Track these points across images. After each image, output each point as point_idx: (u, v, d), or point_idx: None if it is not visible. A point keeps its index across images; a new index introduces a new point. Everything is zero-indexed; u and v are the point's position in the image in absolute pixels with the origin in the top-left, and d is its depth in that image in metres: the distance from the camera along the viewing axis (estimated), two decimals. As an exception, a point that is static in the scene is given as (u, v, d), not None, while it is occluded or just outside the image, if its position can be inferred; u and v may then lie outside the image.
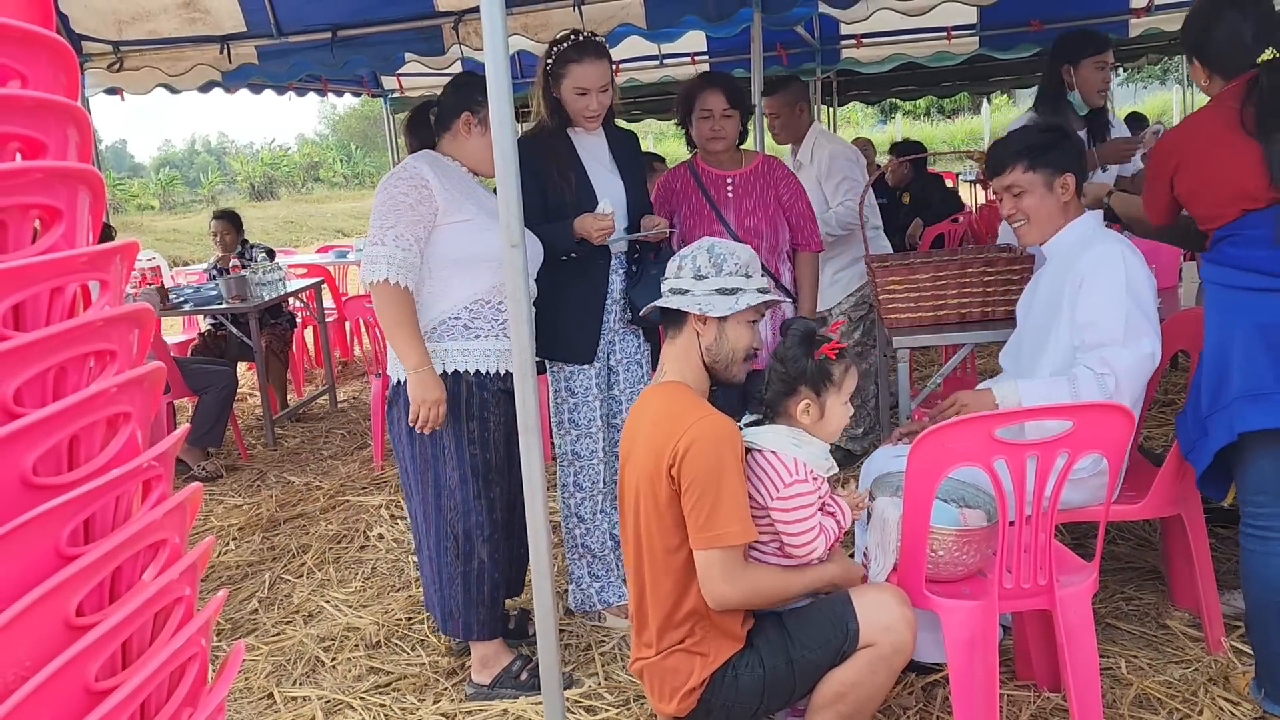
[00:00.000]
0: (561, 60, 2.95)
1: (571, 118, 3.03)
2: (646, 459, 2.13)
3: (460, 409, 2.74)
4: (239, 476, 5.16)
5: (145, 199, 29.16)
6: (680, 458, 2.04)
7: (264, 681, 3.03)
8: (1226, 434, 2.35)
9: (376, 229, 2.65)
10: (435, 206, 2.67)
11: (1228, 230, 2.39)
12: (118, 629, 0.91)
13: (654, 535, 2.14)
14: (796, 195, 3.50)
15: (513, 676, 2.84)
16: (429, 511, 2.80)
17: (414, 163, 2.73)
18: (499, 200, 2.07)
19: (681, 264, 2.25)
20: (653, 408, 2.21)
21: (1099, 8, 6.19)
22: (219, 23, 4.82)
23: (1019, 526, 2.19)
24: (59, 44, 0.94)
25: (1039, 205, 2.64)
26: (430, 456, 2.77)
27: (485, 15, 1.96)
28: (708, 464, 2.02)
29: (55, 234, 0.93)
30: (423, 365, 2.65)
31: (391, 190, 2.67)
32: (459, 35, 4.69)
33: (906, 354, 3.23)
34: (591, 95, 2.95)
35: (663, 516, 2.11)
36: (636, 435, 2.22)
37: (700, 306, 2.19)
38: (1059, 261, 2.65)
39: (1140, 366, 2.46)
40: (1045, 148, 2.62)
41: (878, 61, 7.35)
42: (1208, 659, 2.70)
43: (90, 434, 0.94)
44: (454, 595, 2.81)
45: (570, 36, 2.98)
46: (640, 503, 2.16)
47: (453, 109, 2.81)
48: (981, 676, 2.20)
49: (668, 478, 2.07)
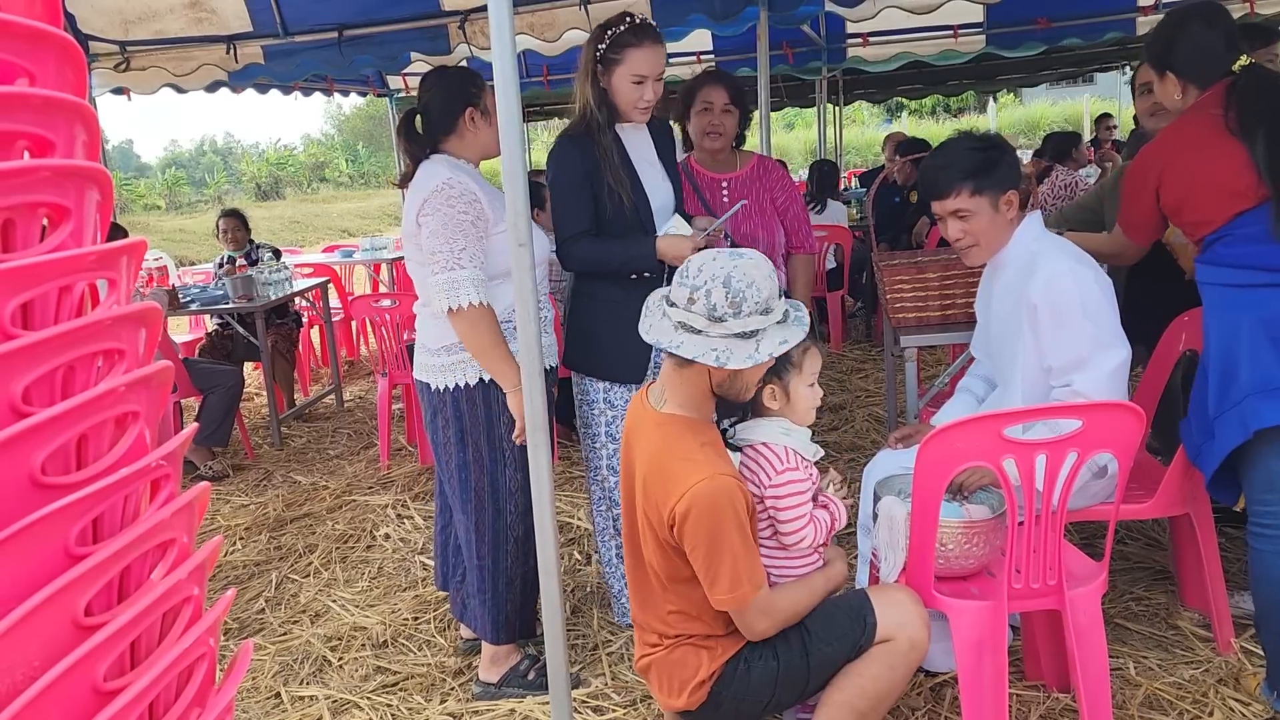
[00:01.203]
0: (617, 45, 2.73)
1: (620, 111, 2.80)
2: (644, 497, 2.06)
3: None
4: (245, 476, 5.16)
5: (151, 199, 29.20)
6: (679, 522, 1.95)
7: (271, 681, 3.03)
8: (1239, 432, 2.33)
9: (447, 253, 2.55)
10: (486, 218, 2.62)
11: (1218, 234, 2.39)
12: (126, 629, 0.90)
13: (657, 562, 2.09)
14: (791, 197, 3.47)
15: (520, 676, 2.83)
16: (485, 519, 2.75)
17: (454, 175, 2.63)
18: (506, 198, 2.07)
19: (694, 296, 1.96)
20: (651, 443, 2.07)
21: (1107, 6, 6.17)
22: (225, 23, 4.83)
23: (1028, 526, 2.18)
24: (67, 42, 0.93)
25: (988, 227, 2.55)
26: (488, 462, 2.72)
27: (493, 14, 1.95)
28: (709, 531, 1.93)
29: (63, 233, 0.92)
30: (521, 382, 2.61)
31: (449, 211, 2.57)
32: (465, 34, 4.69)
33: (914, 353, 3.22)
34: (648, 84, 2.75)
35: (668, 555, 2.06)
36: (634, 458, 2.14)
37: (718, 357, 1.94)
38: (1010, 276, 2.59)
39: (1113, 380, 2.42)
40: (988, 168, 2.52)
41: (884, 60, 7.33)
42: (1218, 660, 2.69)
43: (99, 433, 0.94)
44: (513, 599, 2.80)
45: (626, 19, 2.77)
46: (644, 530, 2.11)
47: (451, 107, 2.71)
48: (990, 677, 2.19)
49: (669, 532, 2.00)
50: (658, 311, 2.06)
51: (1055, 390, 2.48)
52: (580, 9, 4.44)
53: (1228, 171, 2.34)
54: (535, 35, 4.65)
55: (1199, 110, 2.43)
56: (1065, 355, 2.44)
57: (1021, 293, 2.52)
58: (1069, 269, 2.45)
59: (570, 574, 3.60)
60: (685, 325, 1.97)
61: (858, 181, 9.51)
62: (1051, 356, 2.47)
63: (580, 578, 3.57)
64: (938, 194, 2.58)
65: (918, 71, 9.49)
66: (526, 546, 2.76)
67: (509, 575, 2.78)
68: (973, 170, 2.51)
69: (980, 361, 2.89)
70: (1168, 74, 2.49)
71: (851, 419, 5.27)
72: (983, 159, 2.52)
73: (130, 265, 0.99)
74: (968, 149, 2.56)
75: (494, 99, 2.75)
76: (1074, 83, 20.27)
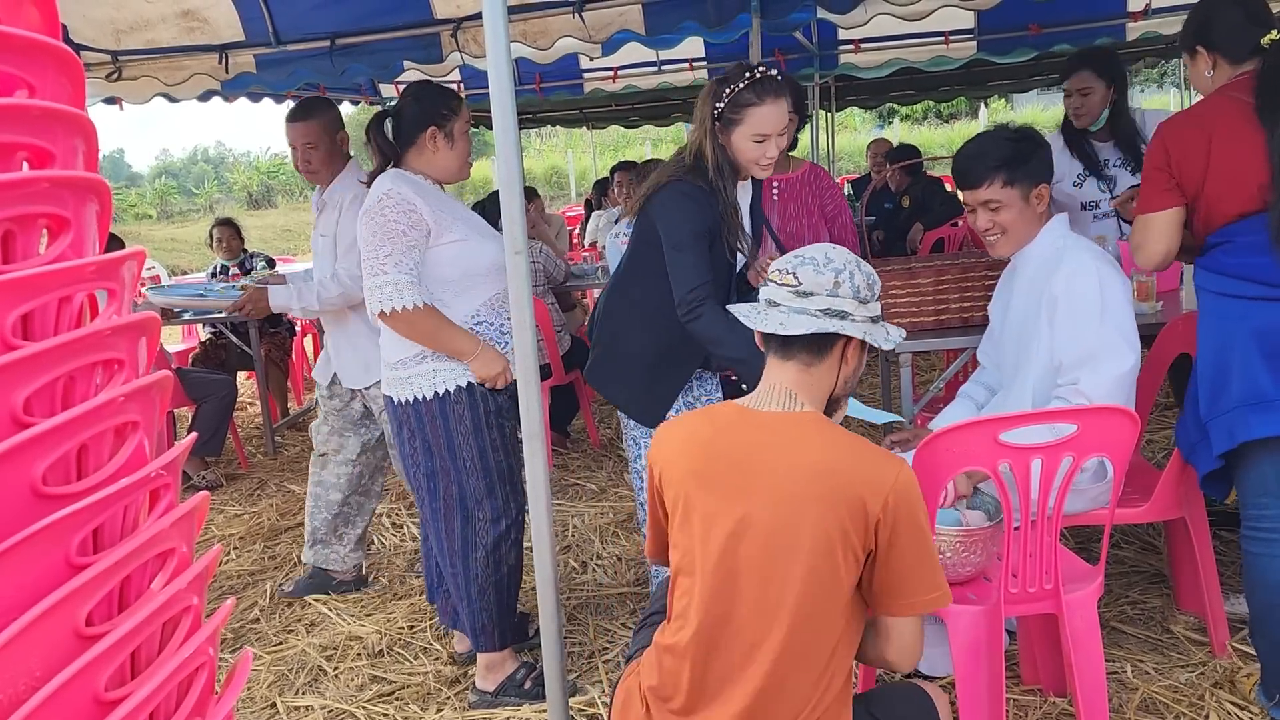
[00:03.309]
0: (736, 104, 2.55)
1: (741, 168, 2.64)
2: (820, 509, 1.64)
3: (480, 420, 2.72)
4: (239, 485, 5.15)
5: (143, 208, 29.15)
6: (894, 510, 1.63)
7: (267, 691, 3.02)
8: (1226, 441, 2.34)
9: (373, 259, 2.60)
10: (426, 229, 2.63)
11: (1221, 237, 2.37)
12: (127, 638, 0.90)
13: (812, 612, 1.66)
14: (840, 207, 3.52)
15: (517, 685, 2.83)
16: (454, 528, 2.77)
17: (395, 187, 2.64)
18: (502, 207, 2.07)
19: (839, 280, 1.76)
20: (813, 449, 1.71)
21: (1096, 12, 6.20)
22: (217, 32, 4.82)
23: (1024, 530, 2.18)
24: (66, 54, 0.94)
25: (1017, 219, 2.57)
26: (452, 472, 2.74)
27: (488, 23, 1.96)
28: (923, 517, 1.68)
29: (63, 243, 0.93)
30: (475, 348, 2.64)
31: (381, 219, 2.61)
32: (458, 43, 4.69)
33: (909, 358, 3.23)
34: (770, 141, 2.57)
35: (840, 584, 1.66)
36: (767, 473, 1.71)
37: (867, 334, 1.79)
38: (1032, 273, 2.60)
39: (1120, 385, 2.42)
40: (1022, 159, 2.53)
41: (876, 66, 7.36)
42: (1213, 663, 2.70)
43: (99, 443, 0.94)
44: (487, 607, 2.79)
45: (746, 74, 2.55)
46: (806, 561, 1.65)
47: (416, 123, 2.73)
48: (987, 681, 2.19)
49: (871, 534, 1.64)
50: (776, 309, 1.80)
51: (1060, 387, 2.47)
52: (574, 15, 4.44)
53: (1247, 161, 2.27)
54: (528, 43, 4.65)
55: (1227, 92, 2.36)
56: (1076, 351, 2.44)
57: (1045, 287, 2.53)
58: (1094, 266, 2.47)
59: (566, 581, 3.60)
60: (833, 311, 1.76)
61: (850, 188, 9.54)
62: (1063, 352, 2.47)
63: (576, 585, 3.57)
64: (970, 183, 2.59)
65: (910, 77, 9.50)
66: (497, 554, 2.77)
67: (480, 583, 2.78)
68: (1006, 161, 2.53)
69: (985, 369, 2.89)
70: (1198, 49, 2.44)
71: (846, 424, 5.27)
72: (1016, 150, 2.55)
73: (130, 275, 0.99)
74: (1002, 139, 2.58)
75: (464, 128, 2.75)
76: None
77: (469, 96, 7.93)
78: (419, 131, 2.73)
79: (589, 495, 4.51)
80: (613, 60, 7.02)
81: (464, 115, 2.78)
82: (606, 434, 5.34)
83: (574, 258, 7.47)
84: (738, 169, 2.64)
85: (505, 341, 2.75)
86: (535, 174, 26.80)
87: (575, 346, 5.10)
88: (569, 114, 11.26)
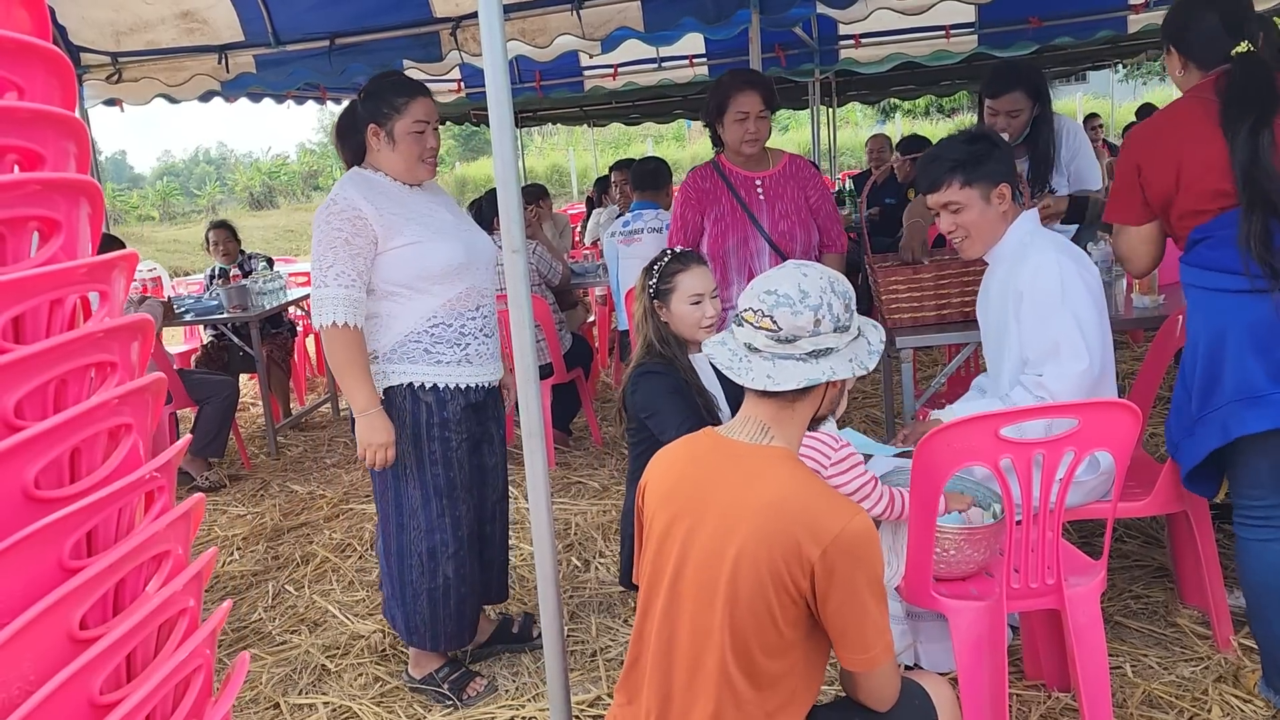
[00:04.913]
0: (666, 274, 2.74)
1: (685, 336, 2.78)
2: (752, 542, 1.62)
3: (420, 429, 2.68)
4: (242, 486, 5.15)
5: (145, 210, 29.21)
6: (831, 561, 1.58)
7: (270, 691, 3.02)
8: (1220, 436, 2.33)
9: (317, 270, 2.57)
10: (373, 236, 2.57)
11: (1203, 232, 2.37)
12: (122, 641, 0.90)
13: (750, 644, 1.65)
14: (824, 196, 3.50)
15: (437, 682, 2.87)
16: (390, 530, 2.77)
17: (344, 192, 2.60)
18: (499, 205, 2.07)
19: (819, 317, 1.70)
20: (769, 485, 1.68)
21: (1098, 4, 6.19)
22: (217, 32, 4.83)
23: (1026, 525, 2.18)
24: (56, 55, 0.93)
25: (979, 219, 2.59)
26: (391, 477, 2.73)
27: (484, 21, 1.96)
28: (866, 574, 1.61)
29: (54, 246, 0.92)
30: (370, 407, 2.59)
31: (325, 229, 2.57)
32: (457, 41, 4.70)
33: (910, 354, 3.23)
34: (706, 301, 2.74)
35: (776, 620, 1.64)
36: (721, 500, 1.70)
37: (852, 366, 1.73)
38: (1003, 272, 2.62)
39: (1076, 384, 2.44)
40: (978, 160, 2.55)
41: (876, 61, 7.35)
42: (1217, 657, 2.69)
43: (92, 446, 0.94)
44: (419, 610, 2.79)
45: (665, 254, 2.80)
46: (728, 585, 1.64)
47: (360, 121, 2.68)
48: (990, 677, 2.19)
49: (806, 579, 1.61)
50: (758, 356, 1.74)
51: (1024, 377, 2.49)
52: (572, 13, 4.44)
53: (1217, 162, 2.30)
54: (526, 41, 4.65)
55: (1196, 93, 2.39)
56: (1039, 345, 2.47)
57: (1010, 287, 2.55)
58: (1054, 259, 2.49)
59: (568, 579, 3.59)
60: (819, 351, 1.72)
61: (851, 183, 9.52)
62: (1028, 347, 2.50)
63: (579, 583, 3.57)
64: (930, 187, 2.63)
65: (910, 72, 9.51)
66: (433, 564, 2.75)
67: (414, 588, 2.76)
68: (961, 162, 2.56)
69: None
70: (1171, 48, 2.47)
71: (848, 420, 5.27)
72: (972, 152, 2.57)
73: (122, 277, 0.99)
74: (958, 143, 2.63)
75: (409, 127, 2.62)
76: (1067, 81, 20.32)
77: (469, 95, 7.92)
78: (362, 129, 2.68)
79: (591, 493, 4.51)
80: (613, 57, 7.02)
81: (412, 114, 2.64)
82: (608, 432, 5.34)
83: (575, 255, 7.47)
84: (683, 340, 2.78)
85: (466, 343, 2.70)
86: (537, 172, 26.78)
87: (576, 344, 5.09)
88: (570, 112, 11.27)
